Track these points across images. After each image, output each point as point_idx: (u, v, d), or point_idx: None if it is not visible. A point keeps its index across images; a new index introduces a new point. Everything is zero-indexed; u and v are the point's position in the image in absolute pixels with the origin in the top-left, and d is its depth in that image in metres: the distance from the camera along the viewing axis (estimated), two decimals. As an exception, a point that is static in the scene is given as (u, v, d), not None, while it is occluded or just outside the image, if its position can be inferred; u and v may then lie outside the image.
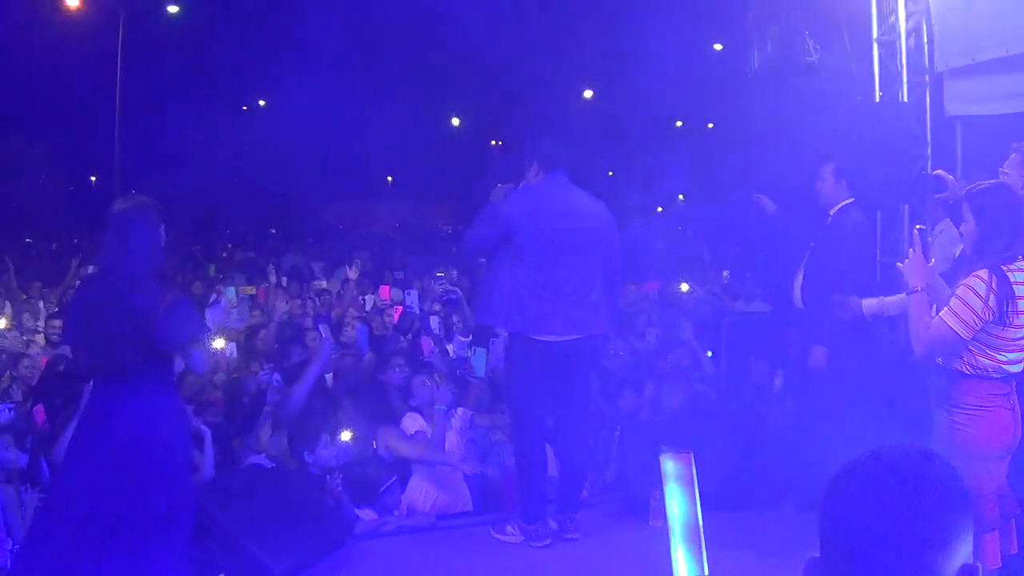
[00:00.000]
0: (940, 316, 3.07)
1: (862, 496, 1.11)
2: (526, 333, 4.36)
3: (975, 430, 3.08)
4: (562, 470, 4.69)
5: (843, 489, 1.12)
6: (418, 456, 4.93)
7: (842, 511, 1.11)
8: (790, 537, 4.48)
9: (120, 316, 3.15)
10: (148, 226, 3.27)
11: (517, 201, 4.41)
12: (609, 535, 4.63)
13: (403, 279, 10.36)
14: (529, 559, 4.34)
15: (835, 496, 1.12)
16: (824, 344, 4.71)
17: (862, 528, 1.09)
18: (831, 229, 4.85)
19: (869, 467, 1.13)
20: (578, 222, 4.40)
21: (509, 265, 4.38)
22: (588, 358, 4.59)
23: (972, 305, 3.00)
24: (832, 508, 1.12)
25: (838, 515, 1.11)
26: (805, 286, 4.92)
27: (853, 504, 1.10)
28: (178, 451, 3.29)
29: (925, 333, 3.10)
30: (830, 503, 1.13)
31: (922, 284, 3.16)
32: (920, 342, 3.12)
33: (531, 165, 4.54)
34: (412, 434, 4.99)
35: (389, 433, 5.04)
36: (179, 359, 5.16)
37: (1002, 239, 3.06)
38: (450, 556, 4.40)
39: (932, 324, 3.08)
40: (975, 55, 5.22)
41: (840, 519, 1.11)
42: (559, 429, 4.70)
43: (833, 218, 4.87)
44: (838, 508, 1.11)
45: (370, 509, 4.75)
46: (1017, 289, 3.04)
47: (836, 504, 1.11)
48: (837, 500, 1.11)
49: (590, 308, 4.42)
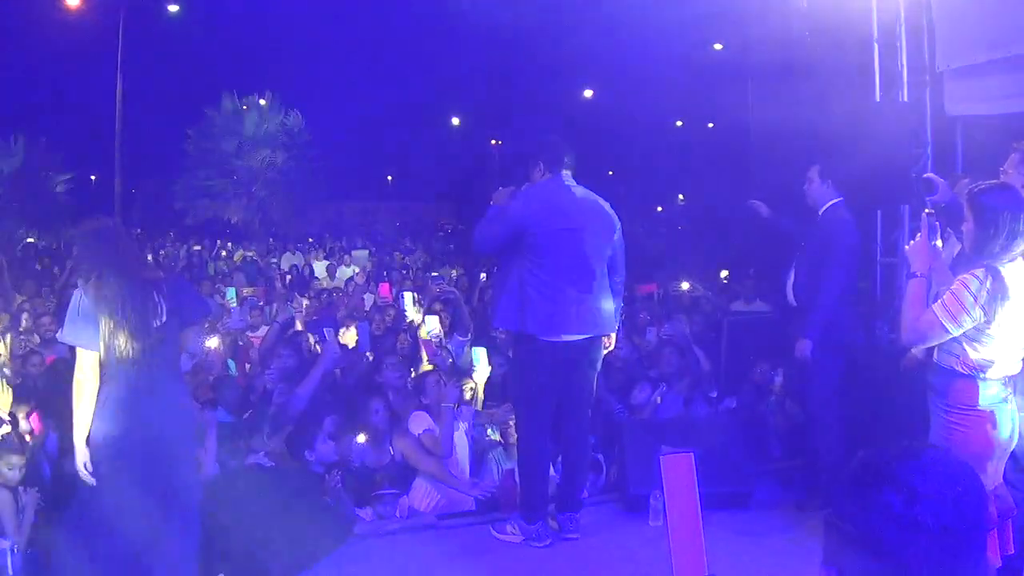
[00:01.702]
0: (932, 307, 3.09)
1: (935, 498, 1.10)
2: (534, 334, 4.36)
3: (971, 430, 3.09)
4: (563, 470, 4.69)
5: (902, 480, 1.11)
6: (431, 472, 4.96)
7: (914, 513, 1.10)
8: (790, 537, 4.50)
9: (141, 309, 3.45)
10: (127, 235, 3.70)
11: (525, 201, 4.40)
12: (609, 535, 4.63)
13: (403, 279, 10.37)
14: (530, 559, 4.34)
15: (903, 495, 1.10)
16: (809, 337, 4.81)
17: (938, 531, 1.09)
18: (819, 228, 4.96)
19: (933, 466, 1.12)
20: (585, 221, 4.40)
21: (517, 266, 4.37)
22: (594, 358, 4.59)
23: (964, 301, 3.01)
24: (896, 507, 1.10)
25: (908, 516, 1.10)
26: (796, 283, 5.03)
27: (927, 505, 1.09)
28: (188, 432, 3.66)
29: (915, 320, 3.12)
30: (883, 494, 1.11)
31: (924, 269, 3.17)
32: (909, 328, 3.14)
33: (536, 165, 4.54)
34: (419, 434, 4.99)
35: (406, 442, 5.06)
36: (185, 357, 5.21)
37: (999, 239, 3.07)
38: (450, 556, 4.39)
39: (923, 313, 3.09)
40: (975, 55, 5.22)
41: (911, 522, 1.09)
42: (561, 429, 4.70)
43: (821, 217, 4.98)
44: (906, 508, 1.10)
45: (370, 509, 4.76)
46: (1011, 287, 3.05)
47: (903, 504, 1.10)
48: (906, 499, 1.10)
49: (598, 307, 4.41)
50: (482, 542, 4.54)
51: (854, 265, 4.97)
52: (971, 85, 5.41)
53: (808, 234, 5.04)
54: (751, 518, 4.78)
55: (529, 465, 4.49)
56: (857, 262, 5.02)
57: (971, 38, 5.25)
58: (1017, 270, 3.10)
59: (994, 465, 3.10)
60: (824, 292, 4.81)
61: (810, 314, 4.84)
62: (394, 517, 4.76)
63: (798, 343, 4.86)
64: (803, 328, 4.85)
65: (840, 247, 4.84)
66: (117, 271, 3.47)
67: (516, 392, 4.76)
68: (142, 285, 3.49)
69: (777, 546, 4.41)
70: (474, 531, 4.70)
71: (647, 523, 4.62)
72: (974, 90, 5.41)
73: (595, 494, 5.11)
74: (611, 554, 4.39)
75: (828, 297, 4.80)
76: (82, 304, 3.42)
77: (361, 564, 4.25)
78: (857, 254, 4.98)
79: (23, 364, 5.70)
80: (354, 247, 15.93)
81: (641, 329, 7.28)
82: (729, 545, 4.33)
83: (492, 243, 4.51)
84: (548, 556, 4.37)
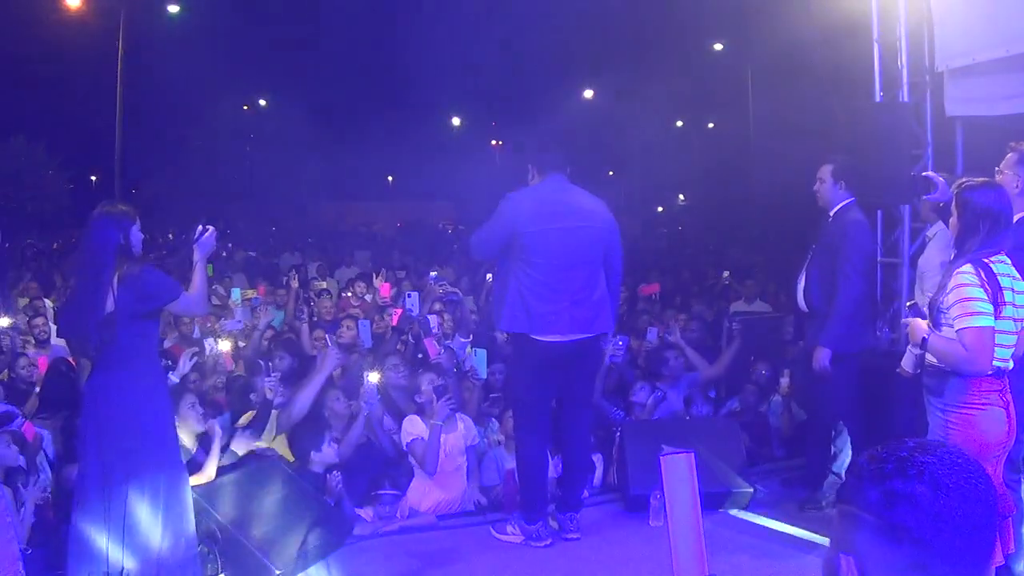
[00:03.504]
0: (956, 329, 3.07)
1: (960, 491, 1.11)
2: (531, 335, 4.36)
3: (969, 429, 3.09)
4: (563, 470, 4.69)
5: (926, 470, 1.12)
6: (423, 477, 4.98)
7: (940, 504, 1.10)
8: (791, 537, 4.50)
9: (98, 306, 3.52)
10: (109, 229, 3.61)
11: (517, 203, 4.41)
12: (609, 535, 4.63)
13: (403, 279, 10.35)
14: (530, 559, 4.34)
15: (928, 486, 1.11)
16: (827, 346, 4.70)
17: (962, 522, 1.10)
18: (831, 230, 4.83)
19: (953, 462, 1.14)
20: (579, 221, 4.40)
21: (513, 268, 4.38)
22: (592, 358, 4.59)
23: (977, 296, 3.03)
24: (922, 498, 1.10)
25: (934, 508, 1.10)
26: (807, 288, 4.91)
27: (953, 497, 1.11)
28: (160, 418, 3.63)
29: (959, 350, 3.07)
30: (908, 484, 1.11)
31: (924, 334, 3.19)
32: (962, 360, 3.07)
33: (529, 169, 4.57)
34: (409, 442, 5.00)
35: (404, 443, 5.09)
36: (184, 360, 5.19)
37: (979, 236, 3.13)
38: (450, 556, 4.40)
39: (953, 341, 3.07)
40: (975, 55, 5.22)
41: (937, 512, 1.10)
42: (561, 429, 4.70)
43: (833, 219, 4.85)
44: (933, 500, 1.10)
45: (370, 509, 4.76)
46: (1001, 280, 3.08)
47: (930, 495, 1.10)
48: (932, 491, 1.11)
49: (594, 307, 4.42)
50: (482, 542, 4.54)
51: (872, 271, 4.86)
52: (971, 85, 5.40)
53: (819, 236, 4.91)
54: (751, 518, 4.79)
55: (528, 465, 4.50)
56: (874, 267, 4.90)
57: (971, 38, 5.24)
58: (1004, 267, 3.13)
59: (992, 464, 3.10)
60: (842, 299, 4.65)
61: (828, 322, 4.69)
62: (394, 517, 4.76)
63: (816, 351, 4.73)
64: (821, 336, 4.72)
65: (856, 252, 4.69)
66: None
67: (514, 393, 4.77)
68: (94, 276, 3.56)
69: (777, 546, 4.41)
70: (474, 531, 4.70)
71: (647, 523, 4.62)
72: (974, 90, 5.40)
73: (592, 494, 5.11)
74: (611, 554, 4.39)
75: (847, 304, 4.65)
76: None
77: (361, 564, 4.25)
78: (874, 259, 4.85)
79: (12, 366, 5.67)
80: (355, 247, 15.90)
81: (641, 331, 7.27)
82: (729, 545, 4.34)
83: (487, 248, 4.53)
84: (548, 556, 4.37)
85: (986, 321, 3.02)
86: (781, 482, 5.36)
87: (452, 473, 5.03)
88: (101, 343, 3.52)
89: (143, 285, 3.57)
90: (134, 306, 3.54)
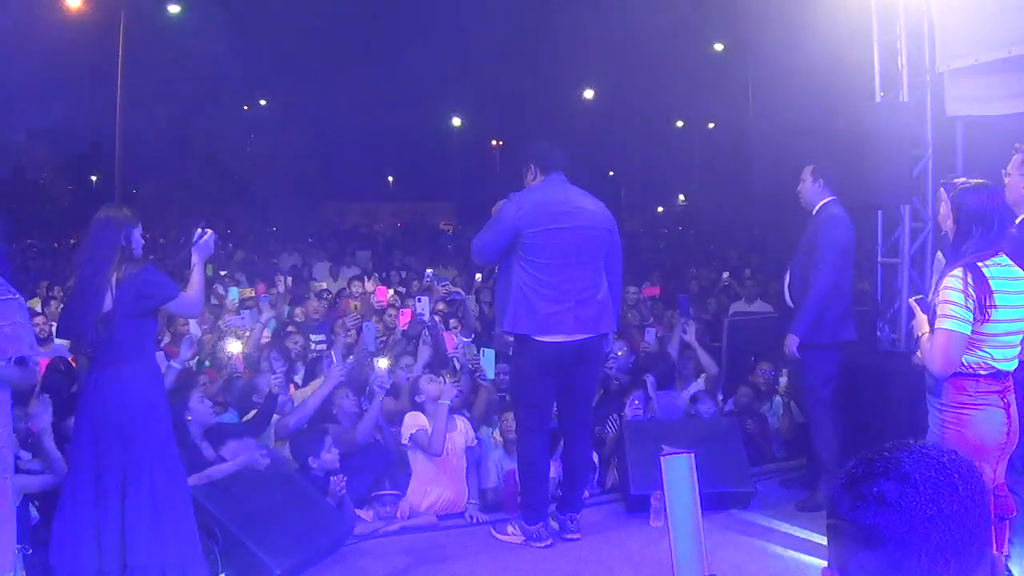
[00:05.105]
0: (935, 327, 3.10)
1: (929, 482, 1.08)
2: (533, 336, 4.36)
3: (964, 429, 3.08)
4: (564, 470, 4.69)
5: (894, 468, 1.09)
6: (424, 471, 4.97)
7: (908, 498, 1.07)
8: (790, 538, 4.50)
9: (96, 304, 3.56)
10: (110, 231, 3.66)
11: (517, 204, 4.41)
12: (609, 535, 4.63)
13: (406, 280, 10.35)
14: (530, 559, 4.33)
15: (895, 481, 1.08)
16: (796, 333, 4.86)
17: (934, 514, 1.07)
18: (811, 228, 4.99)
19: (925, 455, 1.11)
20: (579, 221, 4.40)
21: (515, 269, 4.38)
22: (594, 358, 4.59)
23: (955, 301, 3.03)
24: (890, 494, 1.07)
25: (901, 502, 1.07)
26: (791, 284, 5.06)
27: (921, 490, 1.07)
28: (156, 415, 3.65)
29: (926, 349, 3.14)
30: (876, 485, 1.09)
31: (927, 328, 3.21)
32: (926, 358, 3.15)
33: (528, 169, 4.57)
34: (412, 433, 4.99)
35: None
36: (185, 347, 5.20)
37: (973, 239, 3.12)
38: (450, 556, 4.40)
39: (932, 337, 3.10)
40: (976, 55, 5.21)
41: (906, 506, 1.07)
42: (562, 430, 4.70)
43: (814, 217, 5.02)
44: (900, 494, 1.07)
45: (370, 509, 4.76)
46: (994, 284, 3.06)
47: (897, 490, 1.08)
48: (898, 485, 1.08)
49: (596, 307, 4.42)
50: (482, 542, 4.55)
51: (847, 263, 4.97)
52: (971, 85, 5.40)
53: (803, 235, 5.06)
54: (751, 518, 4.79)
55: (529, 466, 4.49)
56: (851, 260, 5.02)
57: (971, 38, 5.23)
58: (1002, 270, 3.11)
59: (991, 465, 3.09)
60: (812, 290, 4.84)
61: (798, 310, 4.90)
62: (394, 517, 4.75)
63: (786, 339, 4.92)
64: (791, 324, 4.91)
65: (828, 246, 4.86)
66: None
67: (515, 393, 4.77)
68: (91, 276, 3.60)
69: (777, 547, 4.41)
70: (474, 531, 4.71)
71: (648, 523, 4.62)
72: (975, 89, 5.39)
73: (595, 494, 5.11)
74: (612, 554, 4.39)
75: (815, 296, 4.83)
76: None
77: (361, 564, 4.25)
78: (850, 252, 4.97)
79: None
80: (356, 248, 15.89)
81: (642, 331, 7.26)
82: (729, 545, 4.34)
83: (490, 251, 4.53)
84: (549, 556, 4.37)
85: (956, 326, 3.03)
86: (781, 482, 5.36)
87: (452, 472, 5.02)
88: (98, 340, 3.54)
89: (142, 284, 3.59)
90: (132, 305, 3.56)
